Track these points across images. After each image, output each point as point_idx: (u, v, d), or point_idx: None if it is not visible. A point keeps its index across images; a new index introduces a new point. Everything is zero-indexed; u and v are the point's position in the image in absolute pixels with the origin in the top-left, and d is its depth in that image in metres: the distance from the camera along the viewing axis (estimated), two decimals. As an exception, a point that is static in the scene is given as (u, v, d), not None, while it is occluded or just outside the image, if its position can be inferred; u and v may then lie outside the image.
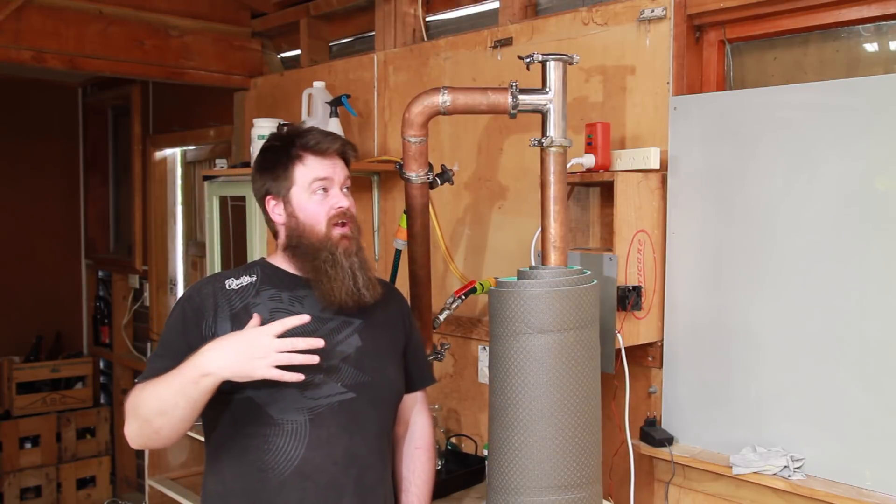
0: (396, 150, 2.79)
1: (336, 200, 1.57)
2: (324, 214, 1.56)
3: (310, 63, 3.33)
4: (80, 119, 5.21)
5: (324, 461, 1.51)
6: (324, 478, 1.51)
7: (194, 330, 1.52)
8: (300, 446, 1.49)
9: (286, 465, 1.49)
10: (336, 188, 1.58)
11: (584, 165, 2.02)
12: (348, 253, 1.55)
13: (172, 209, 4.52)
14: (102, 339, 5.04)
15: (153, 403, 1.41)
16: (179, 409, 1.39)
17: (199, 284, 1.62)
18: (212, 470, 1.59)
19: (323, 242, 1.55)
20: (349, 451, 1.53)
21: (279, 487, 1.49)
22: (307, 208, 1.56)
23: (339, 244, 1.55)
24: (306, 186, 1.56)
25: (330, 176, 1.57)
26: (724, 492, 1.95)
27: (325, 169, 1.57)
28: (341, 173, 1.59)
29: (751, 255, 1.90)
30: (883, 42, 1.89)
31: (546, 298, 1.59)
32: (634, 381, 2.09)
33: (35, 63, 3.01)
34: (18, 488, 4.59)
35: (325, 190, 1.57)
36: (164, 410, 1.40)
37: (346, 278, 1.54)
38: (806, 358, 1.82)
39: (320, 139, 1.58)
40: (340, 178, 1.59)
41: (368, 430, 1.57)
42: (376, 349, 1.60)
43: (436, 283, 2.52)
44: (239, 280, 1.58)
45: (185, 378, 1.38)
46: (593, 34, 2.22)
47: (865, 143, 1.72)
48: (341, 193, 1.58)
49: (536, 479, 1.59)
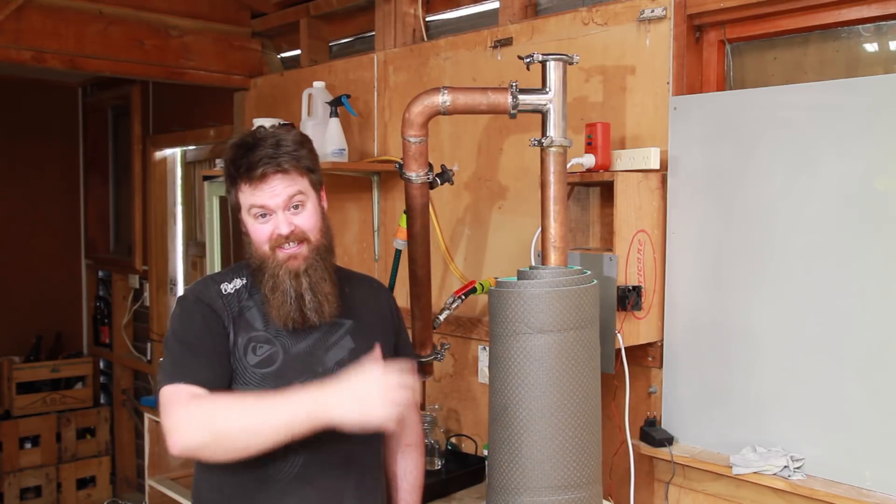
0: (396, 150, 2.79)
1: (275, 227, 1.49)
2: (265, 239, 1.50)
3: (310, 63, 3.33)
4: (80, 119, 5.21)
5: (324, 466, 1.51)
6: (324, 482, 1.51)
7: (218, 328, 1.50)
8: (300, 453, 1.48)
9: (286, 471, 1.49)
10: (278, 213, 1.49)
11: (584, 165, 2.02)
12: (294, 273, 1.49)
13: (172, 209, 4.52)
14: (102, 339, 5.03)
15: (245, 423, 1.34)
16: (277, 433, 1.33)
17: (198, 288, 1.58)
18: (205, 477, 1.57)
19: (266, 263, 1.51)
20: (348, 455, 1.53)
21: (279, 494, 1.49)
22: (251, 230, 1.52)
23: (283, 265, 1.50)
24: (247, 211, 1.51)
25: (265, 203, 1.48)
26: (724, 492, 1.94)
27: (260, 196, 1.48)
28: (284, 193, 1.48)
29: (751, 255, 1.90)
30: (883, 42, 1.89)
31: (546, 298, 1.59)
32: (634, 381, 2.08)
33: (35, 63, 3.01)
34: (18, 488, 4.58)
35: (266, 215, 1.49)
36: (257, 432, 1.33)
37: (286, 301, 1.49)
38: (806, 358, 1.81)
39: (252, 164, 1.46)
40: (282, 199, 1.48)
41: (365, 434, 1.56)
42: (369, 349, 1.60)
43: (436, 283, 2.52)
44: (231, 283, 1.57)
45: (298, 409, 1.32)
46: (593, 34, 2.22)
47: (865, 143, 1.72)
48: (283, 217, 1.49)
49: (536, 479, 1.59)
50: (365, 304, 1.64)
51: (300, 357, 1.52)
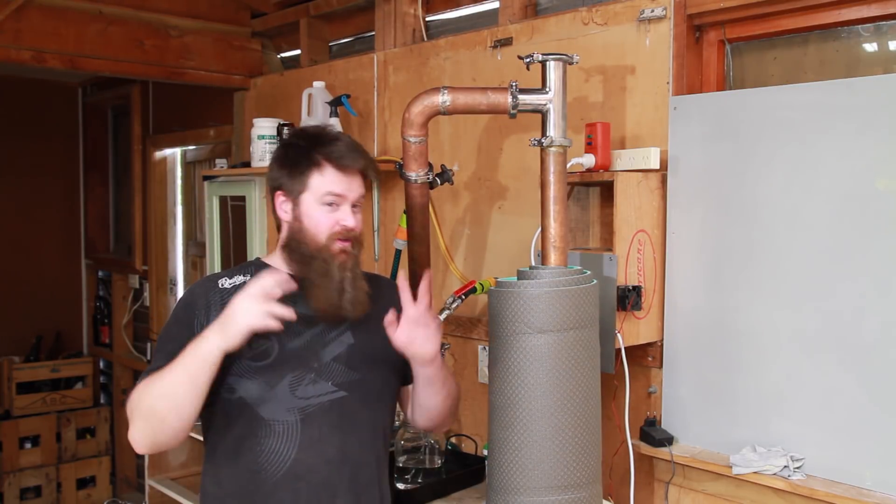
0: (396, 150, 2.79)
1: (343, 217, 1.56)
2: (327, 228, 1.55)
3: (310, 63, 3.33)
4: (80, 119, 5.21)
5: (316, 461, 1.51)
6: (316, 478, 1.51)
7: (186, 329, 1.52)
8: (292, 447, 1.49)
9: (279, 465, 1.50)
10: (346, 205, 1.57)
11: (584, 165, 2.02)
12: (343, 267, 1.55)
13: (172, 209, 4.52)
14: (102, 339, 5.04)
15: (156, 391, 1.42)
16: (184, 389, 1.39)
17: (192, 286, 1.63)
18: (208, 471, 1.60)
19: (320, 251, 1.54)
20: (342, 450, 1.53)
21: (272, 488, 1.50)
22: (313, 216, 1.55)
23: (337, 257, 1.55)
24: (318, 196, 1.55)
25: (344, 193, 1.56)
26: (724, 492, 1.95)
27: (340, 185, 1.55)
28: (356, 192, 1.58)
29: (751, 255, 1.90)
30: (883, 42, 1.89)
31: (546, 298, 1.59)
32: (634, 381, 2.09)
33: (35, 63, 3.01)
34: (18, 488, 4.59)
35: (336, 204, 1.56)
36: (166, 394, 1.40)
37: (332, 290, 1.53)
38: (806, 358, 1.81)
39: (345, 153, 1.56)
40: (354, 196, 1.57)
41: (362, 429, 1.57)
42: (370, 346, 1.60)
43: (436, 283, 2.53)
44: (232, 279, 1.59)
45: (188, 355, 1.40)
46: (593, 34, 2.22)
47: (865, 143, 1.72)
48: (350, 211, 1.57)
49: (536, 479, 1.59)
50: (372, 301, 1.64)
51: (296, 352, 1.53)
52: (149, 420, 1.43)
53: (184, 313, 1.55)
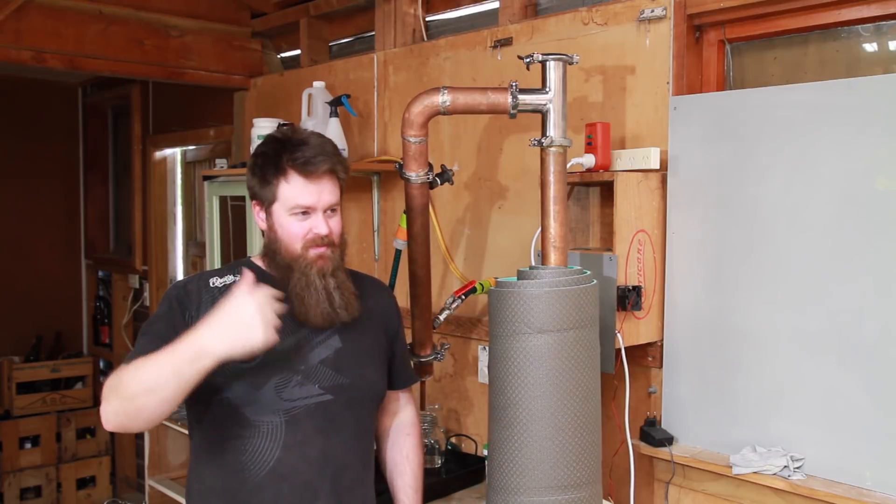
0: (396, 150, 2.79)
1: (315, 225, 1.52)
2: (300, 237, 1.52)
3: (310, 63, 3.33)
4: (80, 119, 5.21)
5: (299, 462, 1.51)
6: (299, 479, 1.51)
7: (179, 318, 1.51)
8: (276, 447, 1.49)
9: (262, 465, 1.50)
10: (318, 213, 1.52)
11: (584, 165, 2.02)
12: (322, 273, 1.52)
13: (172, 209, 4.52)
14: (102, 339, 5.04)
15: (141, 380, 1.34)
16: (170, 387, 1.33)
17: (183, 281, 1.61)
18: (194, 468, 1.60)
19: (296, 261, 1.52)
20: (325, 453, 1.53)
21: (255, 488, 1.50)
22: (285, 226, 1.53)
23: (314, 264, 1.52)
24: (288, 208, 1.52)
25: (312, 204, 1.51)
26: (724, 492, 1.95)
27: (308, 195, 1.51)
28: (327, 197, 1.53)
29: (751, 255, 1.90)
30: (883, 42, 1.89)
31: (546, 298, 1.59)
32: (634, 381, 2.09)
33: (35, 63, 3.02)
34: (18, 488, 4.59)
35: (306, 213, 1.52)
36: (151, 388, 1.34)
37: (320, 300, 1.51)
38: (806, 358, 1.81)
39: (310, 157, 1.50)
40: (325, 202, 1.52)
41: (346, 432, 1.56)
42: (356, 350, 1.60)
43: (436, 283, 2.53)
44: (223, 279, 1.58)
45: (181, 356, 1.32)
46: (593, 34, 2.22)
47: (865, 143, 1.72)
48: (322, 218, 1.53)
49: (536, 479, 1.59)
50: (364, 304, 1.64)
51: (282, 354, 1.51)
52: (125, 405, 1.37)
53: (178, 304, 1.53)
